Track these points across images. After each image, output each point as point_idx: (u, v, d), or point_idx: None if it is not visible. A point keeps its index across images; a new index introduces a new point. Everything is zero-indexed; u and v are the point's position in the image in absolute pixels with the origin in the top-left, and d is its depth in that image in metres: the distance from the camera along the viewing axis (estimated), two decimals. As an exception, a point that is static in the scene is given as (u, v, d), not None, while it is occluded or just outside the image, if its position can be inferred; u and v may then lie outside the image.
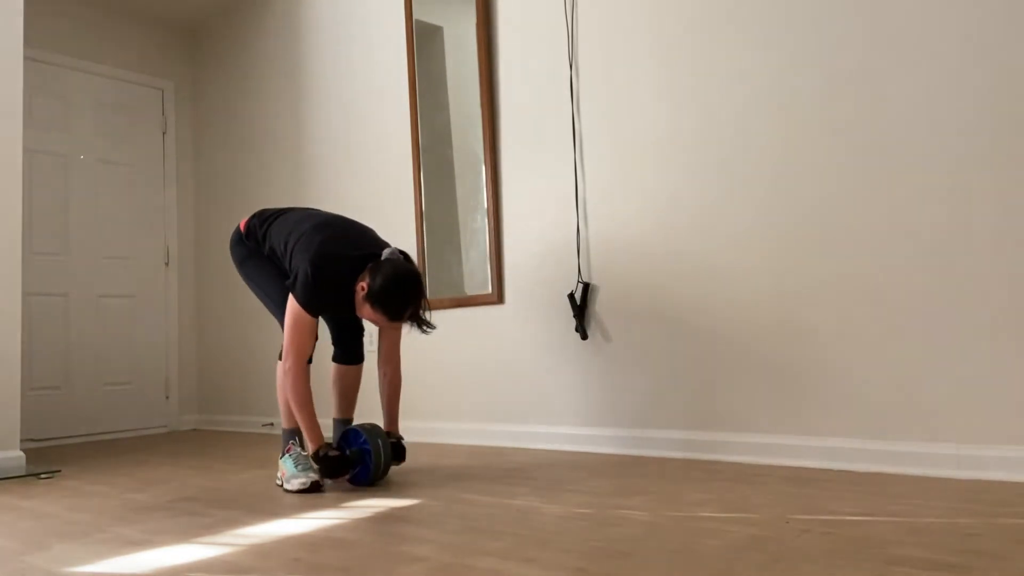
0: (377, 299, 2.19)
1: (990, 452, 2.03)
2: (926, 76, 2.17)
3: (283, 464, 2.37)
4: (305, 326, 2.24)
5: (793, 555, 1.41)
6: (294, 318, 2.23)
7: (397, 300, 2.20)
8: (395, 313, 2.21)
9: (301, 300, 2.22)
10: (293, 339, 2.23)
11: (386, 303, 2.19)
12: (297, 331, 2.23)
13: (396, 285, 2.19)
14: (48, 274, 4.15)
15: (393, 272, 2.20)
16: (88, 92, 4.39)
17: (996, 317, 2.05)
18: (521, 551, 1.52)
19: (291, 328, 2.23)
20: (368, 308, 2.22)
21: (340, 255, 2.25)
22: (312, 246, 2.24)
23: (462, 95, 3.32)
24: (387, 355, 2.46)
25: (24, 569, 1.55)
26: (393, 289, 2.19)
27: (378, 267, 2.22)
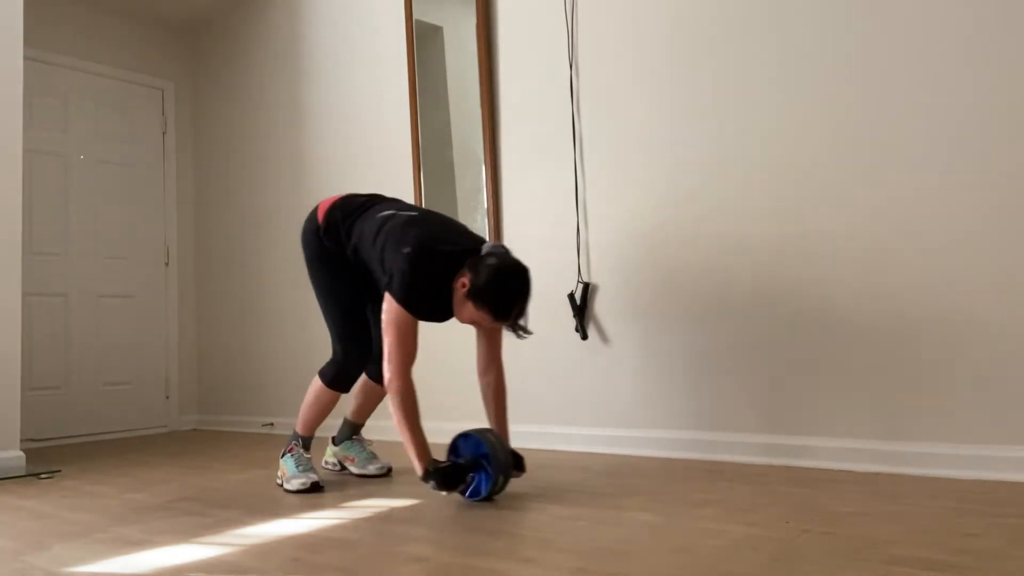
0: (482, 295, 1.97)
1: (990, 452, 2.03)
2: (927, 75, 2.17)
3: (284, 463, 2.36)
4: (408, 328, 2.02)
5: (793, 555, 1.41)
6: (396, 321, 2.02)
7: (505, 296, 1.98)
8: (502, 311, 1.98)
9: (401, 299, 2.01)
10: (397, 343, 2.02)
11: (493, 300, 1.97)
12: (400, 335, 2.02)
13: (504, 280, 1.98)
14: (48, 274, 4.15)
15: (501, 266, 1.99)
16: (88, 92, 4.39)
17: (996, 317, 2.05)
18: (521, 551, 1.52)
19: (392, 332, 2.02)
20: (471, 307, 2.00)
21: (437, 250, 2.05)
22: (407, 241, 2.05)
23: (462, 95, 3.32)
24: (489, 359, 2.21)
25: (24, 569, 1.55)
26: (501, 284, 1.97)
27: (482, 261, 2.01)
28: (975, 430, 2.07)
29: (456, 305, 2.06)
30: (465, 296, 2.00)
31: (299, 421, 2.37)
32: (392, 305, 2.03)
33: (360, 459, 2.53)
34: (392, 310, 2.03)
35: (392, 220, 2.14)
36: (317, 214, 2.31)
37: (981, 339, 2.07)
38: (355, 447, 2.55)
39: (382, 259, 2.11)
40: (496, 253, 2.04)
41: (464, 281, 2.00)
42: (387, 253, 2.09)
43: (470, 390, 3.26)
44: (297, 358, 4.06)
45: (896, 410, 2.20)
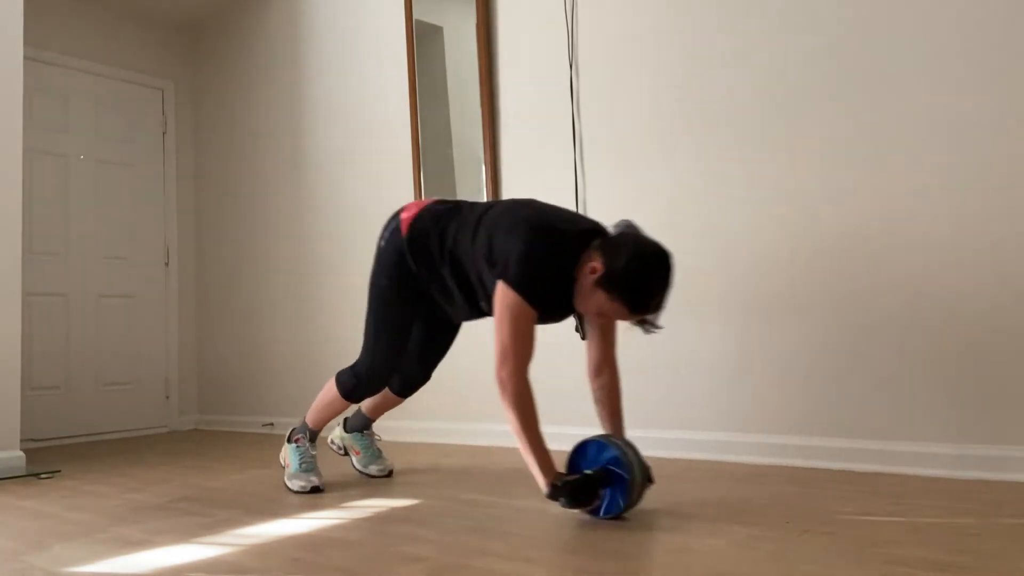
0: (619, 284, 1.68)
1: (990, 452, 2.03)
2: (928, 74, 2.17)
3: (288, 452, 2.33)
4: (527, 321, 1.75)
5: (793, 555, 1.41)
6: (512, 312, 1.74)
7: (647, 286, 1.69)
8: (641, 303, 1.69)
9: (520, 285, 1.74)
10: (513, 338, 1.74)
11: (633, 289, 1.67)
12: (516, 328, 1.75)
13: (647, 265, 1.69)
14: (48, 274, 4.15)
15: (642, 249, 1.71)
16: (88, 92, 4.39)
17: (998, 318, 2.05)
18: (521, 551, 1.52)
19: (509, 326, 1.75)
20: (602, 296, 1.71)
21: (556, 229, 1.79)
22: (520, 221, 1.80)
23: (462, 95, 3.32)
24: (603, 359, 1.95)
25: (24, 569, 1.55)
26: (643, 270, 1.68)
27: (617, 242, 1.73)
28: (975, 430, 2.07)
29: (581, 294, 1.77)
30: (596, 284, 1.71)
31: (310, 414, 2.31)
32: (507, 294, 1.75)
33: (365, 456, 2.52)
34: (507, 300, 1.75)
35: (494, 208, 1.93)
36: (400, 226, 2.06)
37: (978, 337, 2.07)
38: (363, 441, 2.53)
39: (489, 249, 1.85)
40: (631, 233, 1.76)
41: (595, 266, 1.72)
42: (496, 240, 1.83)
43: (468, 389, 3.25)
44: (297, 358, 4.06)
45: (896, 410, 2.20)
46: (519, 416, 1.75)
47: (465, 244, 1.94)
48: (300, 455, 2.31)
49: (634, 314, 1.71)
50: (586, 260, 1.75)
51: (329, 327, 3.88)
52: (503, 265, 1.79)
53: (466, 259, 1.94)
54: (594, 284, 1.72)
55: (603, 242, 1.76)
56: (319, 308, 3.94)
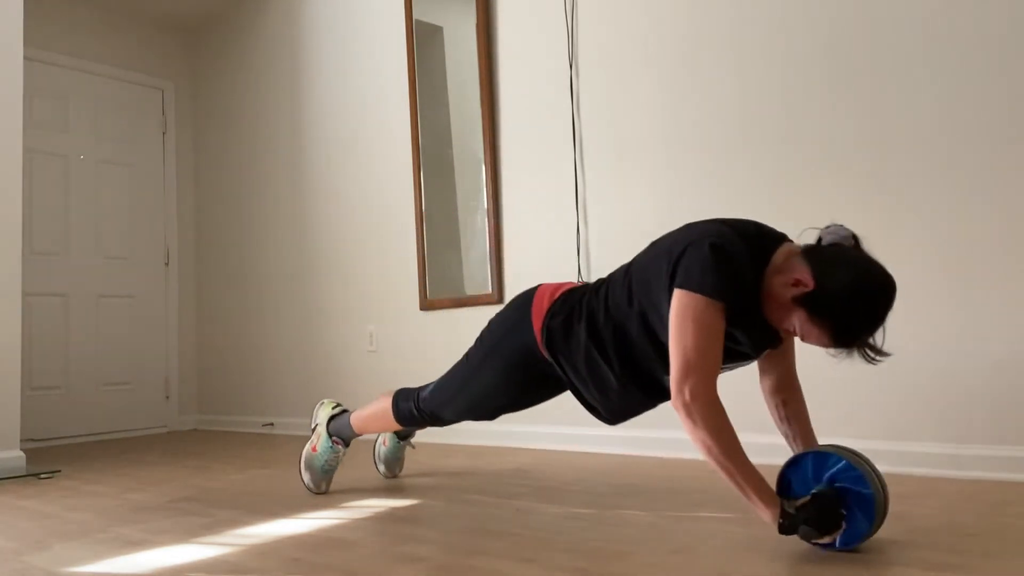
0: (831, 309, 1.39)
1: (991, 452, 2.03)
2: (926, 75, 2.17)
3: (322, 442, 2.22)
4: (716, 324, 1.44)
5: (793, 555, 1.41)
6: (696, 318, 1.43)
7: (864, 318, 1.40)
8: (850, 337, 1.41)
9: (707, 285, 1.43)
10: (698, 346, 1.43)
11: (849, 321, 1.40)
12: (703, 333, 1.43)
13: (873, 297, 1.39)
14: (48, 274, 4.15)
15: (869, 275, 1.40)
16: (88, 92, 4.39)
17: (998, 318, 2.05)
18: (521, 551, 1.52)
19: (693, 334, 1.43)
20: (803, 317, 1.42)
21: (738, 227, 1.52)
22: (693, 233, 1.52)
23: (462, 95, 3.32)
24: (788, 372, 1.68)
25: (24, 569, 1.55)
26: (865, 300, 1.39)
27: (835, 258, 1.43)
28: (975, 430, 2.07)
29: (774, 306, 1.47)
30: (797, 301, 1.42)
31: (358, 420, 2.16)
32: (688, 300, 1.45)
33: (387, 451, 2.44)
34: (688, 306, 1.45)
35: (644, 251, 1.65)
36: (531, 319, 1.76)
37: (982, 340, 2.07)
38: (399, 442, 2.45)
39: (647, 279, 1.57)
40: (851, 250, 1.45)
41: (799, 279, 1.41)
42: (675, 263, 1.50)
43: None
44: (297, 358, 4.06)
45: (896, 410, 2.20)
46: (717, 440, 1.43)
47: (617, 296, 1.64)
48: (329, 458, 2.21)
49: (836, 346, 1.44)
50: (784, 267, 1.46)
51: (329, 327, 3.88)
52: (673, 273, 1.49)
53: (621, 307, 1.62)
54: (794, 300, 1.42)
55: (814, 252, 1.46)
56: (319, 308, 3.94)
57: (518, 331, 1.79)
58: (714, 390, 1.44)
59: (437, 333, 3.36)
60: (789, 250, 1.49)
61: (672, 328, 1.47)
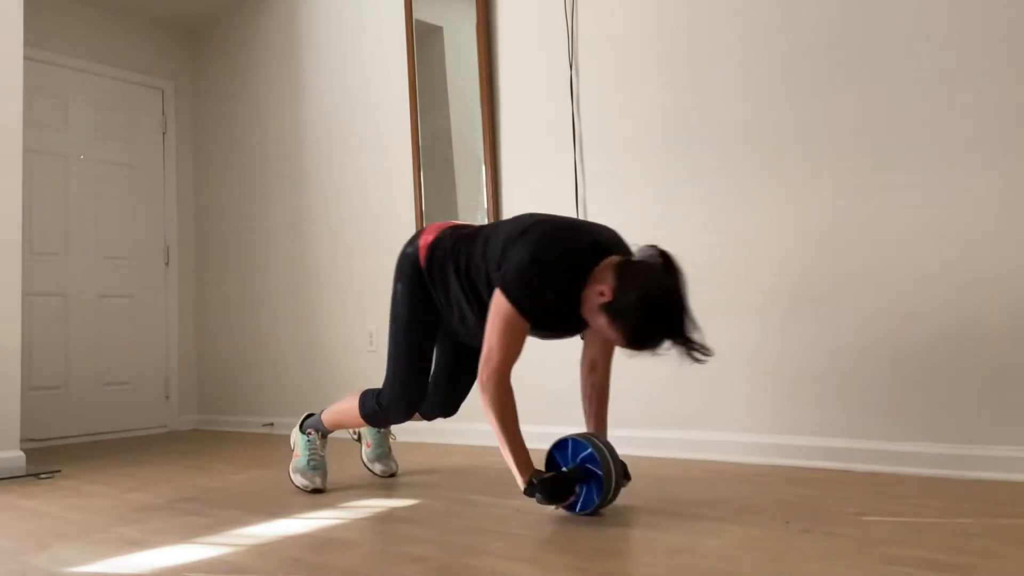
0: (624, 317, 1.65)
1: (990, 452, 2.03)
2: (928, 73, 2.17)
3: (299, 441, 2.30)
4: (517, 331, 1.75)
5: (793, 555, 1.41)
6: (503, 317, 1.74)
7: (653, 327, 1.65)
8: (641, 342, 1.67)
9: (515, 295, 1.73)
10: (501, 341, 1.75)
11: (636, 327, 1.65)
12: (506, 331, 1.75)
13: (654, 309, 1.64)
14: (48, 274, 4.15)
15: (656, 288, 1.65)
16: (88, 92, 4.39)
17: (998, 316, 2.05)
18: (521, 551, 1.52)
19: (499, 329, 1.75)
20: (604, 321, 1.69)
21: (570, 241, 1.76)
22: (530, 229, 1.78)
23: (462, 95, 3.32)
24: (601, 356, 1.97)
25: (24, 569, 1.55)
26: (651, 311, 1.64)
27: (634, 272, 1.68)
28: (975, 430, 2.07)
29: (588, 311, 1.74)
30: (601, 308, 1.68)
31: (328, 415, 2.26)
32: (501, 302, 1.75)
33: (374, 451, 2.49)
34: (500, 307, 1.75)
35: (506, 222, 1.92)
36: (418, 251, 2.03)
37: (981, 337, 2.07)
38: (378, 437, 2.51)
39: (500, 259, 1.81)
40: (653, 266, 1.70)
41: (604, 290, 1.68)
42: (509, 244, 1.79)
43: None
44: (297, 358, 4.06)
45: (897, 410, 2.20)
46: (499, 416, 1.78)
47: (476, 259, 1.90)
48: (310, 451, 2.29)
49: (634, 350, 1.70)
50: (599, 277, 1.71)
51: (329, 327, 3.88)
52: (505, 269, 1.76)
53: (479, 278, 1.89)
54: (600, 308, 1.69)
55: (622, 267, 1.69)
56: (319, 308, 3.94)
57: (408, 264, 2.04)
58: (506, 378, 1.78)
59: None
60: (608, 263, 1.73)
61: (489, 317, 1.79)
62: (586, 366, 1.99)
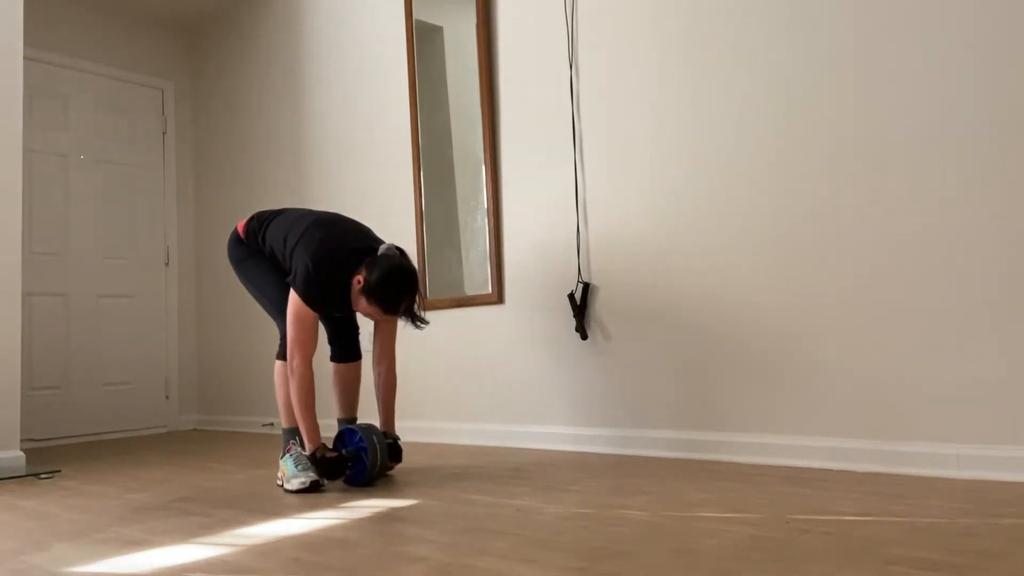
0: (373, 292, 2.24)
1: (990, 452, 2.03)
2: (927, 76, 2.17)
3: (284, 464, 2.37)
4: (308, 321, 2.28)
5: (793, 555, 1.41)
6: (296, 314, 2.27)
7: (393, 293, 2.25)
8: (390, 306, 2.26)
9: (302, 294, 2.26)
10: (297, 335, 2.27)
11: (382, 296, 2.24)
12: (300, 326, 2.27)
13: (392, 279, 2.25)
14: (48, 274, 4.15)
15: (389, 266, 2.26)
16: (88, 92, 4.39)
17: (996, 317, 2.05)
18: (521, 551, 1.52)
19: (294, 324, 2.27)
20: (364, 301, 2.27)
21: (339, 249, 2.31)
22: (312, 242, 2.30)
23: (462, 95, 3.32)
24: (382, 353, 2.52)
25: (24, 569, 1.55)
26: (389, 283, 2.24)
27: (375, 261, 2.27)
28: (975, 430, 2.07)
29: (353, 299, 2.31)
30: (359, 292, 2.27)
31: (282, 417, 2.48)
32: (294, 300, 2.28)
33: None
34: (294, 305, 2.28)
35: (299, 223, 2.38)
36: (238, 230, 2.56)
37: (981, 338, 2.07)
38: None
39: (291, 259, 2.34)
40: (389, 255, 2.30)
41: (360, 279, 2.27)
42: (295, 253, 2.32)
43: (468, 388, 3.26)
44: (297, 358, 4.06)
45: (897, 410, 2.20)
46: (299, 394, 2.27)
47: (278, 246, 2.41)
48: (293, 458, 2.34)
49: (387, 315, 2.28)
50: (356, 274, 2.28)
51: (329, 327, 3.88)
52: (294, 274, 2.29)
53: (280, 257, 2.42)
54: (359, 292, 2.27)
55: (369, 260, 2.27)
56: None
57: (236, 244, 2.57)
58: (308, 364, 2.29)
59: (437, 333, 3.36)
60: (366, 262, 2.28)
61: (287, 313, 2.30)
62: (375, 359, 2.52)
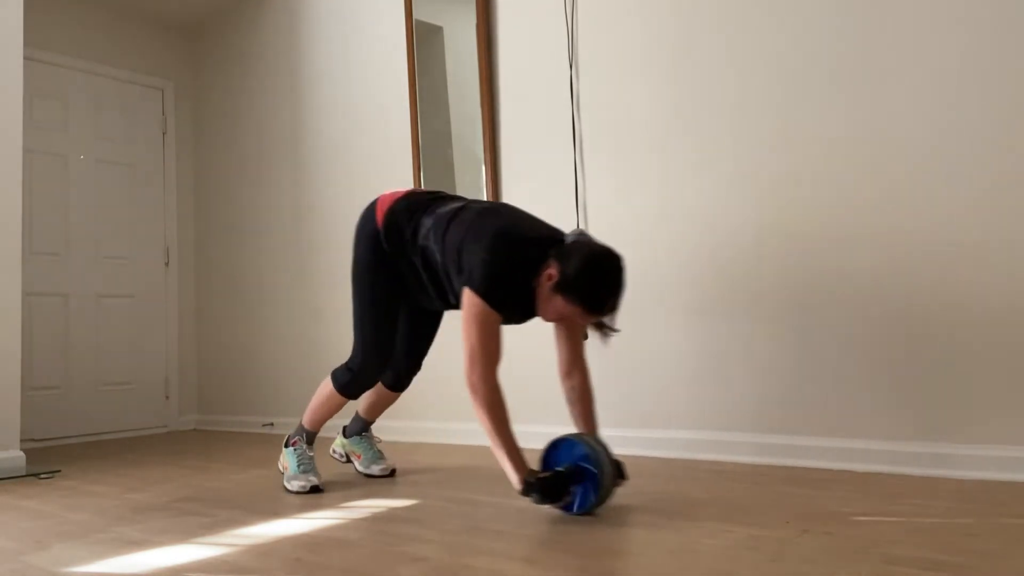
0: (573, 287, 1.77)
1: (990, 452, 2.03)
2: (927, 74, 2.17)
3: (286, 456, 2.34)
4: (492, 325, 1.85)
5: (793, 555, 1.41)
6: (478, 318, 1.84)
7: (600, 287, 1.78)
8: (597, 303, 1.78)
9: (484, 292, 1.84)
10: (480, 342, 1.83)
11: (586, 291, 1.77)
12: (483, 332, 1.84)
13: (598, 268, 1.78)
14: (48, 274, 4.15)
15: (592, 254, 1.79)
16: (88, 92, 4.39)
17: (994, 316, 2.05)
18: (521, 551, 1.52)
19: (475, 330, 1.84)
20: (560, 300, 1.80)
21: (520, 238, 1.88)
22: (485, 233, 1.88)
23: (462, 95, 3.32)
24: (573, 361, 2.02)
25: (24, 569, 1.55)
26: (595, 273, 1.77)
27: (570, 250, 1.82)
28: (975, 430, 2.07)
29: (541, 301, 1.86)
30: (553, 289, 1.80)
31: (306, 415, 2.34)
32: (473, 301, 1.84)
33: (366, 458, 2.53)
34: (473, 306, 1.84)
35: (464, 212, 1.99)
36: (375, 213, 2.14)
37: (984, 338, 2.07)
38: (363, 444, 2.55)
39: (458, 253, 1.93)
40: (583, 240, 1.84)
41: (551, 273, 1.81)
42: (464, 246, 1.91)
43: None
44: (297, 358, 4.06)
45: (896, 410, 2.20)
46: (491, 417, 1.83)
47: (436, 243, 2.02)
48: (298, 457, 2.32)
49: (591, 315, 1.80)
50: (544, 268, 1.84)
51: (329, 327, 3.88)
52: (468, 272, 1.88)
53: (435, 257, 2.03)
54: (552, 290, 1.81)
55: (559, 250, 1.83)
56: (319, 308, 3.94)
57: (367, 231, 2.13)
58: (494, 377, 1.84)
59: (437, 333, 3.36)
60: (551, 256, 1.85)
61: (463, 319, 1.86)
62: (563, 372, 2.05)
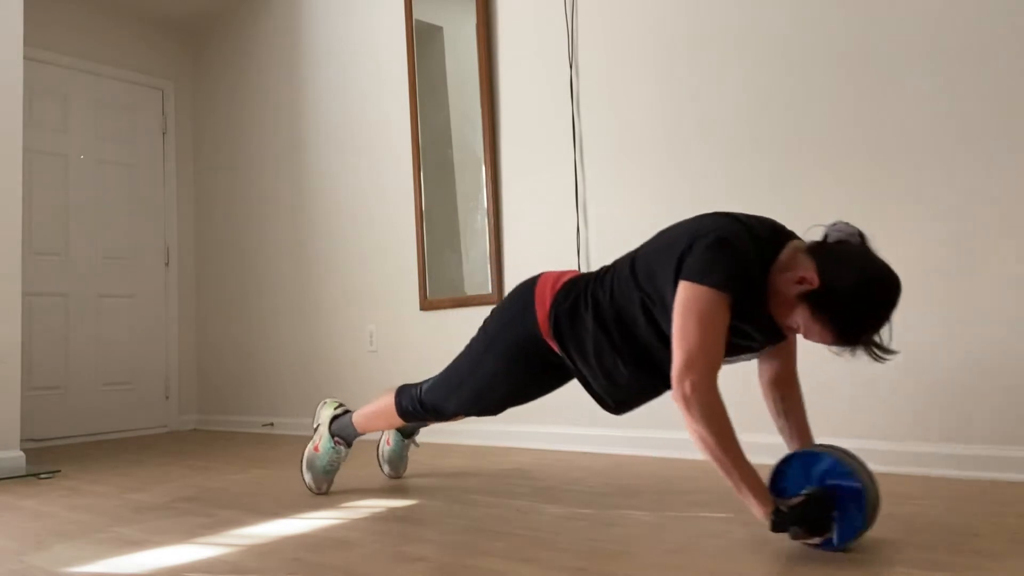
0: (837, 310, 1.39)
1: (990, 452, 2.03)
2: (927, 75, 2.17)
3: (324, 443, 2.20)
4: (718, 320, 1.43)
5: (793, 555, 1.41)
6: (700, 311, 1.43)
7: (869, 319, 1.39)
8: (854, 337, 1.40)
9: (713, 277, 1.43)
10: (700, 340, 1.42)
11: (851, 320, 1.39)
12: (705, 328, 1.42)
13: (872, 296, 1.39)
14: (48, 274, 4.15)
15: (875, 274, 1.40)
16: (88, 92, 4.39)
17: (998, 316, 2.05)
18: (521, 551, 1.52)
19: (696, 326, 1.42)
20: (807, 313, 1.42)
21: (746, 228, 1.50)
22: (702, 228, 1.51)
23: (462, 95, 3.32)
24: (787, 369, 1.66)
25: (24, 569, 1.55)
26: (869, 303, 1.39)
27: (841, 255, 1.42)
28: (976, 430, 2.07)
29: (778, 303, 1.47)
30: (802, 297, 1.42)
31: (360, 417, 2.15)
32: (691, 293, 1.44)
33: (391, 451, 2.44)
34: (690, 300, 1.44)
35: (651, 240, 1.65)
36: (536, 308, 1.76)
37: (980, 338, 2.07)
38: (401, 443, 2.45)
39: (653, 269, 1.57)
40: (857, 248, 1.44)
41: (804, 276, 1.41)
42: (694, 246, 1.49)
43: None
44: (297, 358, 4.06)
45: (896, 410, 2.20)
46: (715, 434, 1.42)
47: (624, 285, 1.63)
48: (331, 457, 2.20)
49: (839, 344, 1.42)
50: (790, 265, 1.46)
51: (329, 327, 3.88)
52: (687, 266, 1.48)
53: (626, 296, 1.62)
54: (799, 296, 1.42)
55: (820, 250, 1.45)
56: (319, 308, 3.95)
57: (521, 320, 1.79)
58: (714, 385, 1.43)
59: (437, 333, 3.36)
60: (795, 247, 1.49)
61: (676, 320, 1.46)
62: (765, 382, 1.69)
